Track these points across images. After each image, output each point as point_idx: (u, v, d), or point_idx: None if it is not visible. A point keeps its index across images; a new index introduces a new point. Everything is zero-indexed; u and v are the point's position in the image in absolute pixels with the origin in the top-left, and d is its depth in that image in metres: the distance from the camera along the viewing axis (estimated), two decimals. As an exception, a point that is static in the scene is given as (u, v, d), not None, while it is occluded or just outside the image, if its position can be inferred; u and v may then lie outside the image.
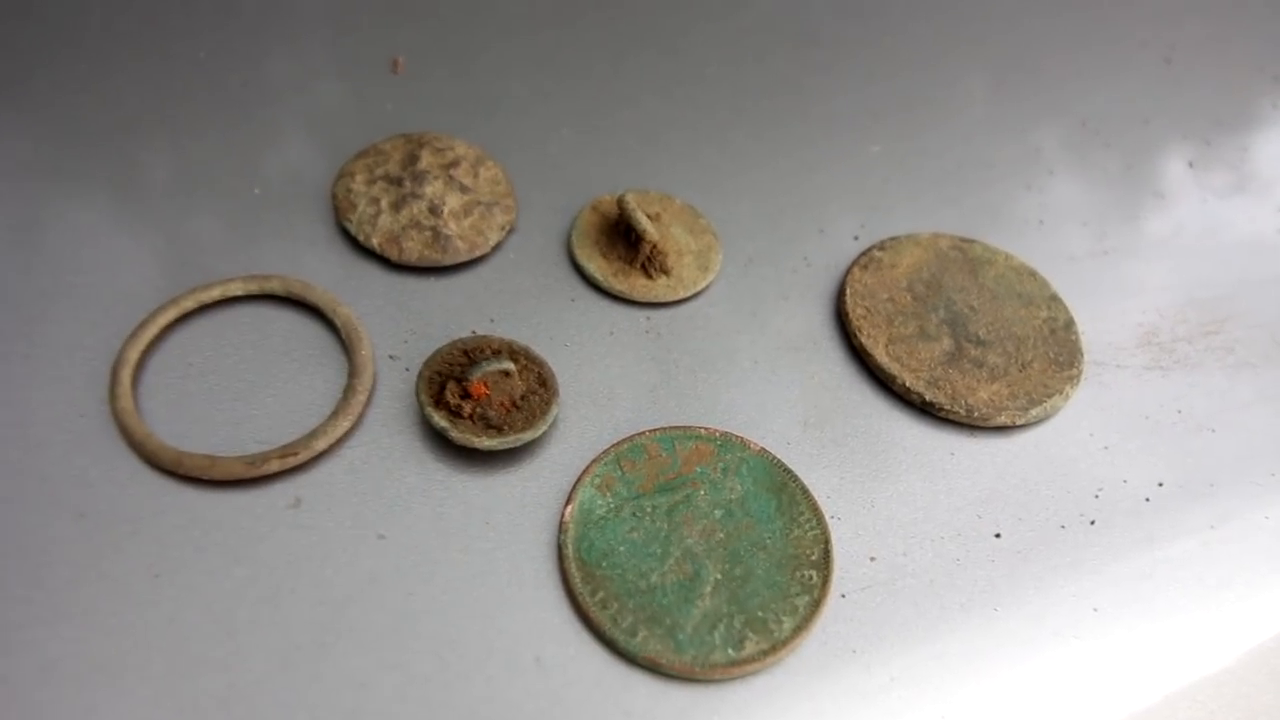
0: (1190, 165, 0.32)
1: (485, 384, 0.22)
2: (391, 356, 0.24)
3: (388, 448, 0.22)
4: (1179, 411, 0.26)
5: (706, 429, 0.23)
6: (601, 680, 0.20)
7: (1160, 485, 0.24)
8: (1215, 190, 0.32)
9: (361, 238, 0.25)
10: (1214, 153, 0.33)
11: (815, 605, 0.21)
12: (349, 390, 0.22)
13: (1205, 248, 0.30)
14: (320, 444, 0.21)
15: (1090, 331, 0.27)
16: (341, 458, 0.22)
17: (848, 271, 0.27)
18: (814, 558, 0.21)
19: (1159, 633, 0.22)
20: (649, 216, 0.26)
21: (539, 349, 0.24)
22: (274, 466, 0.21)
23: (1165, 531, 0.23)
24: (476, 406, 0.22)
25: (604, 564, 0.21)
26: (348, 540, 0.21)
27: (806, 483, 0.23)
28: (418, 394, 0.22)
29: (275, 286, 0.24)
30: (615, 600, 0.20)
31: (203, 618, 0.19)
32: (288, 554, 0.20)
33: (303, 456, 0.21)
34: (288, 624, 0.20)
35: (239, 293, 0.24)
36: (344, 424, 0.22)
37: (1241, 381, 0.27)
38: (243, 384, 0.23)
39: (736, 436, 0.23)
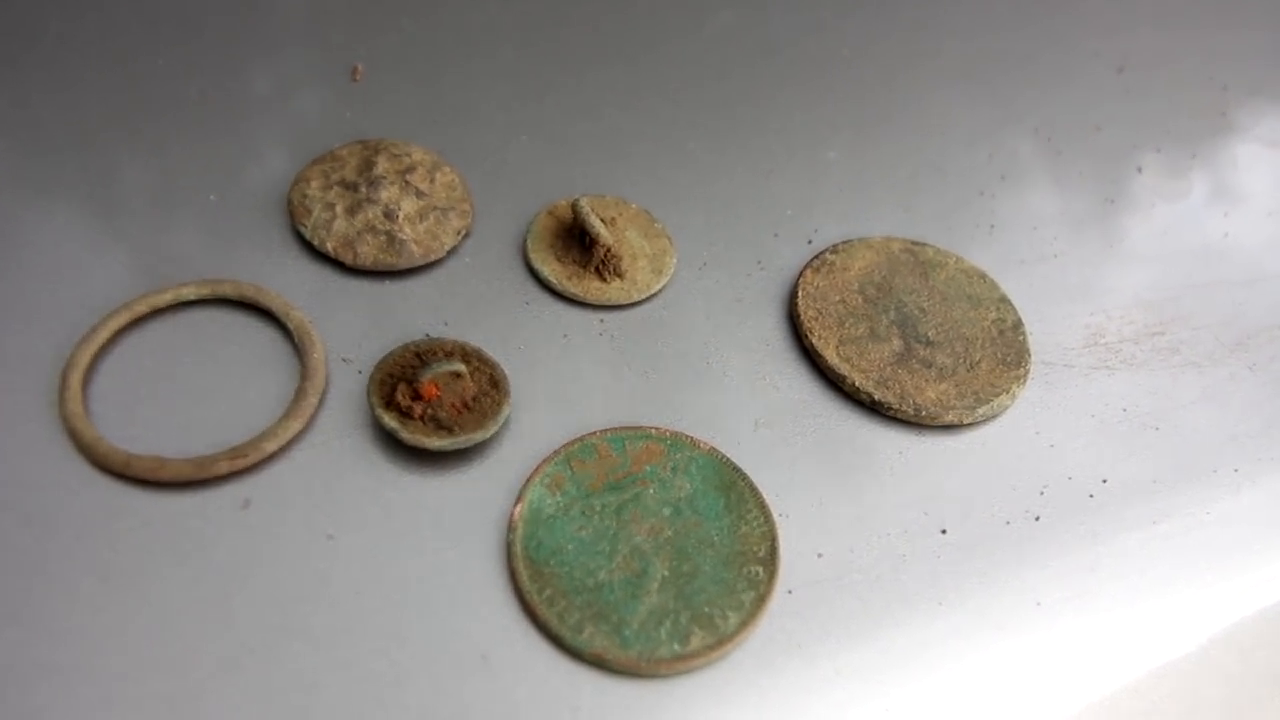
0: (1140, 171, 0.33)
1: (436, 385, 0.22)
2: (344, 359, 0.24)
3: (338, 449, 0.22)
4: (1124, 410, 0.26)
5: (657, 429, 0.23)
6: (549, 677, 0.20)
7: (1105, 482, 0.25)
8: (1164, 196, 0.32)
9: (316, 242, 0.25)
10: (1164, 160, 0.34)
11: (761, 601, 0.21)
12: (300, 392, 0.23)
13: (1153, 252, 0.31)
14: (270, 445, 0.22)
15: (1038, 332, 0.28)
16: (292, 459, 0.22)
17: (800, 274, 0.27)
18: (761, 554, 0.22)
19: (1102, 627, 0.22)
20: (604, 221, 0.27)
21: (493, 351, 0.25)
22: (223, 468, 0.21)
23: (1109, 527, 0.24)
24: (427, 408, 0.22)
25: (552, 562, 0.21)
26: (297, 541, 0.21)
27: (755, 481, 0.23)
28: (369, 395, 0.22)
29: (228, 290, 0.24)
30: (563, 597, 0.21)
31: (151, 620, 0.20)
32: (237, 555, 0.21)
33: (252, 458, 0.21)
34: (237, 625, 0.20)
35: (192, 297, 0.24)
36: (295, 425, 0.22)
37: (1186, 381, 0.27)
38: (194, 387, 0.23)
39: (686, 436, 0.23)
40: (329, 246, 0.25)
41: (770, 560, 0.22)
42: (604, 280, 0.26)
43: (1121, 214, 0.32)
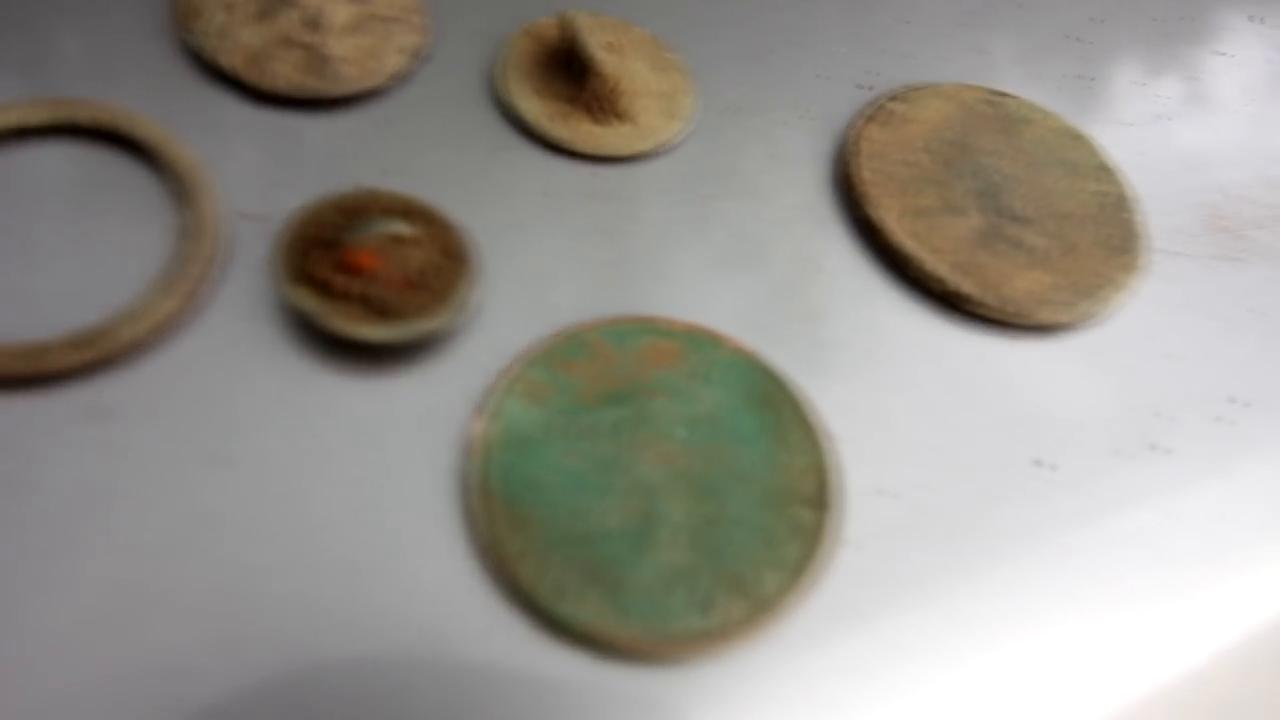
0: (1259, 21, 0.27)
1: (370, 253, 0.16)
2: (246, 216, 0.17)
3: (233, 339, 0.16)
4: (1254, 311, 0.21)
5: (669, 322, 0.18)
6: (517, 659, 0.14)
7: (1233, 401, 0.19)
8: (1286, 48, 0.26)
9: (209, 56, 0.19)
10: (1278, 6, 0.28)
11: (811, 555, 0.16)
12: (179, 258, 0.16)
13: (1278, 116, 0.25)
14: (135, 331, 0.15)
15: (1147, 212, 0.22)
16: (167, 352, 0.16)
17: (854, 126, 0.21)
18: (809, 492, 0.16)
19: (1235, 586, 0.17)
20: (601, 47, 0.20)
21: (449, 211, 0.18)
22: (67, 360, 0.15)
23: (1243, 459, 0.19)
24: (357, 283, 0.16)
25: (526, 499, 0.15)
26: (171, 466, 0.15)
27: (799, 394, 0.17)
28: (276, 264, 0.16)
29: (83, 116, 0.18)
30: (541, 550, 0.15)
31: (-47, 572, 0.14)
32: (84, 484, 0.15)
33: (105, 348, 0.15)
34: (81, 582, 0.14)
35: (32, 122, 0.17)
36: (170, 304, 0.16)
37: (1327, 277, 0.22)
38: (30, 246, 0.16)
39: (708, 332, 0.18)
40: (228, 63, 0.19)
41: (821, 500, 0.16)
42: (600, 123, 0.20)
43: (1237, 70, 0.25)
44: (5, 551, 0.14)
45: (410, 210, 0.17)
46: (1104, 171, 0.22)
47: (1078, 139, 0.22)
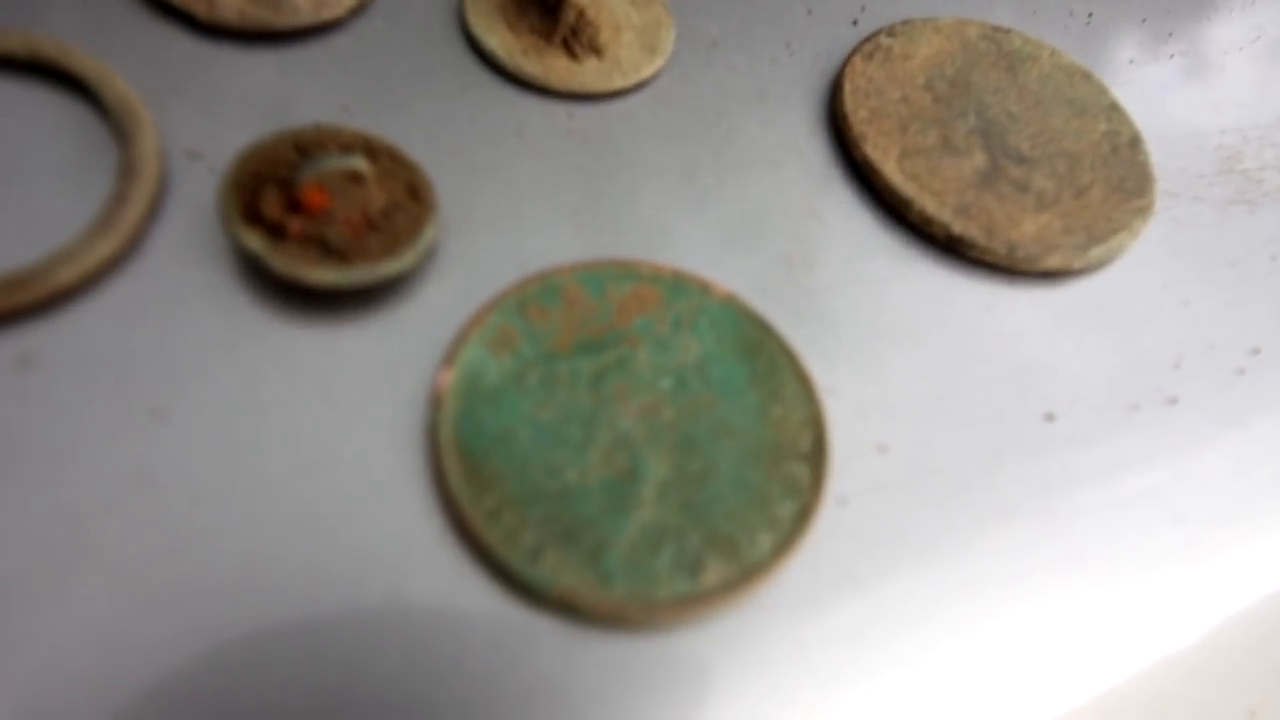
0: (1268, -44, 0.26)
1: (324, 190, 0.15)
2: (191, 154, 0.16)
3: (175, 283, 0.15)
4: (1274, 258, 0.19)
5: (651, 266, 0.16)
6: (489, 626, 0.13)
7: (1257, 353, 0.18)
8: (1300, -12, 0.25)
9: (154, -14, 0.17)
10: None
11: (804, 515, 0.14)
12: (117, 198, 0.15)
13: (1291, 57, 0.23)
14: (65, 275, 0.14)
15: (1158, 154, 0.20)
16: (101, 297, 0.15)
17: (847, 62, 0.20)
18: (803, 448, 0.15)
19: (1258, 549, 0.16)
20: (575, -22, 0.19)
21: (413, 150, 0.17)
22: (-10, 307, 0.14)
23: (1264, 412, 0.17)
24: (311, 223, 0.15)
25: (497, 455, 0.14)
26: (104, 418, 0.14)
27: (791, 343, 0.16)
28: (221, 203, 0.15)
29: (15, 47, 0.16)
30: (512, 508, 0.14)
31: None
32: (6, 437, 0.13)
33: (36, 292, 0.14)
34: (5, 542, 0.13)
35: (-43, 54, 0.16)
36: (105, 247, 0.14)
37: (1347, 222, 0.20)
38: (-46, 186, 0.15)
39: (693, 277, 0.16)
40: (173, -8, 0.17)
41: (816, 456, 0.15)
42: (575, 57, 0.18)
43: (1251, 5, 0.24)
44: (-78, 515, 0.13)
45: (371, 147, 0.16)
46: (1114, 111, 0.20)
47: (1086, 77, 0.21)
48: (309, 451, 0.14)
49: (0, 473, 0.13)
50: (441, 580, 0.13)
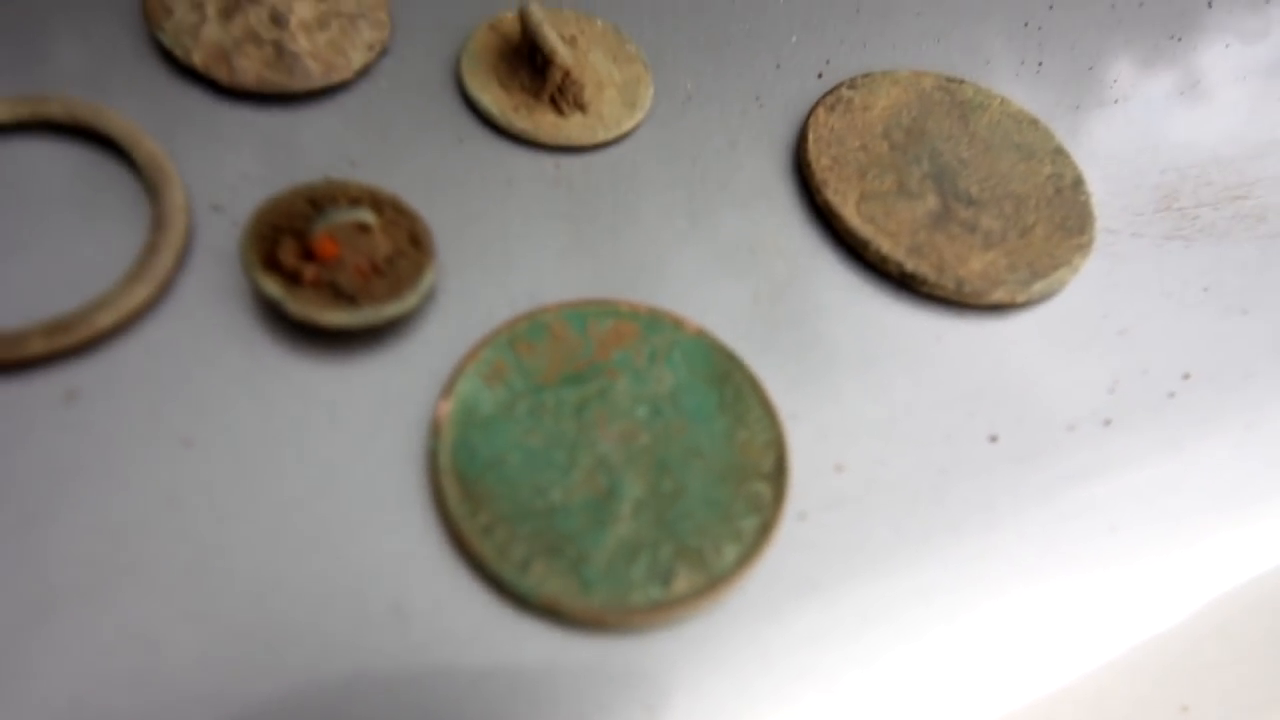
0: (1210, 4, 0.27)
1: (335, 240, 0.17)
2: (215, 207, 0.18)
3: (201, 324, 0.17)
4: (1206, 289, 0.21)
5: (629, 304, 0.18)
6: (483, 631, 0.15)
7: (1186, 377, 0.20)
8: (1239, 34, 0.27)
9: (180, 53, 0.19)
10: (1234, -7, 0.28)
11: (766, 529, 0.16)
12: (150, 248, 0.17)
13: (1229, 99, 0.25)
14: (105, 319, 0.16)
15: (1100, 193, 0.22)
16: (136, 337, 0.16)
17: (810, 113, 0.21)
18: (765, 468, 0.17)
19: (1187, 556, 0.18)
20: (562, 39, 0.21)
21: (414, 201, 0.19)
22: (38, 347, 0.15)
23: (1194, 432, 0.19)
24: (323, 270, 0.16)
25: (490, 477, 0.16)
26: (140, 446, 0.15)
27: (756, 373, 0.18)
28: (244, 252, 0.16)
29: (56, 111, 0.18)
30: (503, 524, 0.15)
31: (-72, 554, 0.14)
32: (54, 465, 0.15)
33: (79, 335, 0.16)
34: (50, 559, 0.14)
35: (4, 118, 0.18)
36: (140, 292, 0.16)
37: (1276, 255, 0.22)
38: (5, 239, 0.17)
39: (668, 314, 0.18)
40: (196, 59, 0.19)
41: (777, 476, 0.17)
42: (561, 113, 0.20)
43: (1190, 54, 0.26)
44: (-20, 534, 0.14)
45: (376, 200, 0.18)
46: (1059, 155, 0.22)
47: (1033, 123, 0.23)
48: (321, 474, 0.16)
49: (50, 494, 0.15)
50: (440, 588, 0.15)
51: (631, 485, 0.16)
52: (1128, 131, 0.24)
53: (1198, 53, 0.26)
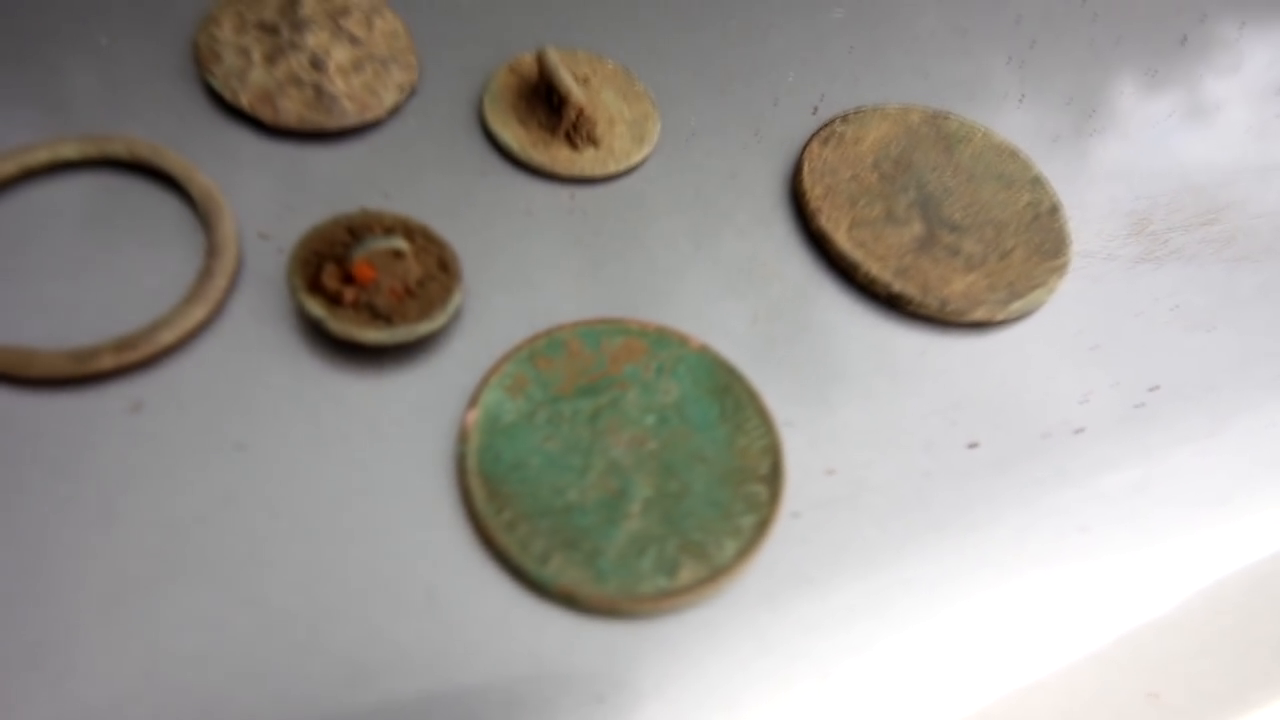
0: (1184, 42, 0.29)
1: (372, 265, 0.18)
2: (262, 235, 0.20)
3: (252, 341, 0.18)
4: (1175, 308, 0.23)
5: (638, 323, 0.20)
6: (507, 617, 0.16)
7: (1154, 389, 0.21)
8: (1213, 68, 0.29)
9: (228, 95, 0.21)
10: (1209, 29, 0.30)
11: (763, 526, 0.18)
12: (205, 273, 0.18)
13: (1202, 131, 0.27)
14: (167, 336, 0.18)
15: (1076, 219, 0.24)
16: (194, 353, 0.18)
17: (805, 146, 0.23)
18: (762, 471, 0.18)
19: (1154, 555, 0.19)
20: (576, 79, 0.22)
21: (442, 229, 0.20)
22: (108, 363, 0.17)
23: (1160, 440, 0.21)
24: (361, 293, 0.18)
25: (512, 478, 0.17)
26: (199, 451, 0.17)
27: (755, 385, 0.19)
28: (290, 277, 0.18)
29: (118, 150, 0.20)
30: (525, 521, 0.17)
31: (14, 545, 0.16)
32: (122, 468, 0.17)
33: (144, 351, 0.17)
34: (120, 552, 0.16)
35: (73, 156, 0.20)
36: (198, 313, 0.18)
37: (1242, 276, 0.24)
38: (74, 265, 0.19)
39: (673, 331, 0.20)
40: (243, 100, 0.21)
41: (773, 478, 0.18)
42: (575, 148, 0.22)
43: (1166, 87, 0.28)
44: (50, 525, 0.16)
45: (408, 228, 0.19)
46: (1038, 183, 0.24)
47: (1013, 154, 0.24)
48: (361, 475, 0.17)
49: (120, 494, 0.16)
50: (468, 578, 0.17)
51: (641, 486, 0.18)
52: (1104, 161, 0.25)
53: (1172, 86, 0.28)
